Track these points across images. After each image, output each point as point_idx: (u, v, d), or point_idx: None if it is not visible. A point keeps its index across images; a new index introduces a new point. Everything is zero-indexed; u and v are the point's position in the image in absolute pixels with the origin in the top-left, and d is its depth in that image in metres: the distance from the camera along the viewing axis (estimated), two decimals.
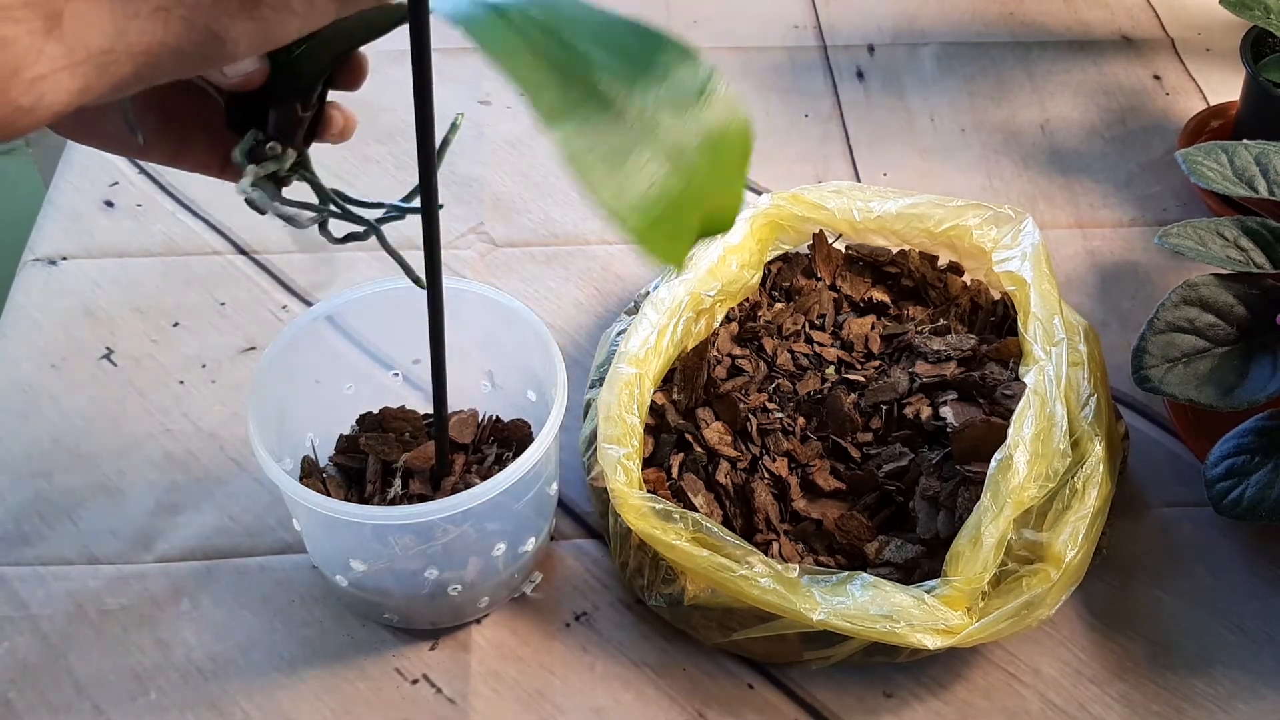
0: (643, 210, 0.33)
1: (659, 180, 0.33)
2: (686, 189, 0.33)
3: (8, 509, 0.63)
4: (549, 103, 0.33)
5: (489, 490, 0.50)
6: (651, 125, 0.33)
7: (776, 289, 0.72)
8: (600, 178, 0.32)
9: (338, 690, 0.57)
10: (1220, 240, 0.62)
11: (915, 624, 0.52)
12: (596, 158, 0.32)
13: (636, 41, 0.35)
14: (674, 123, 0.34)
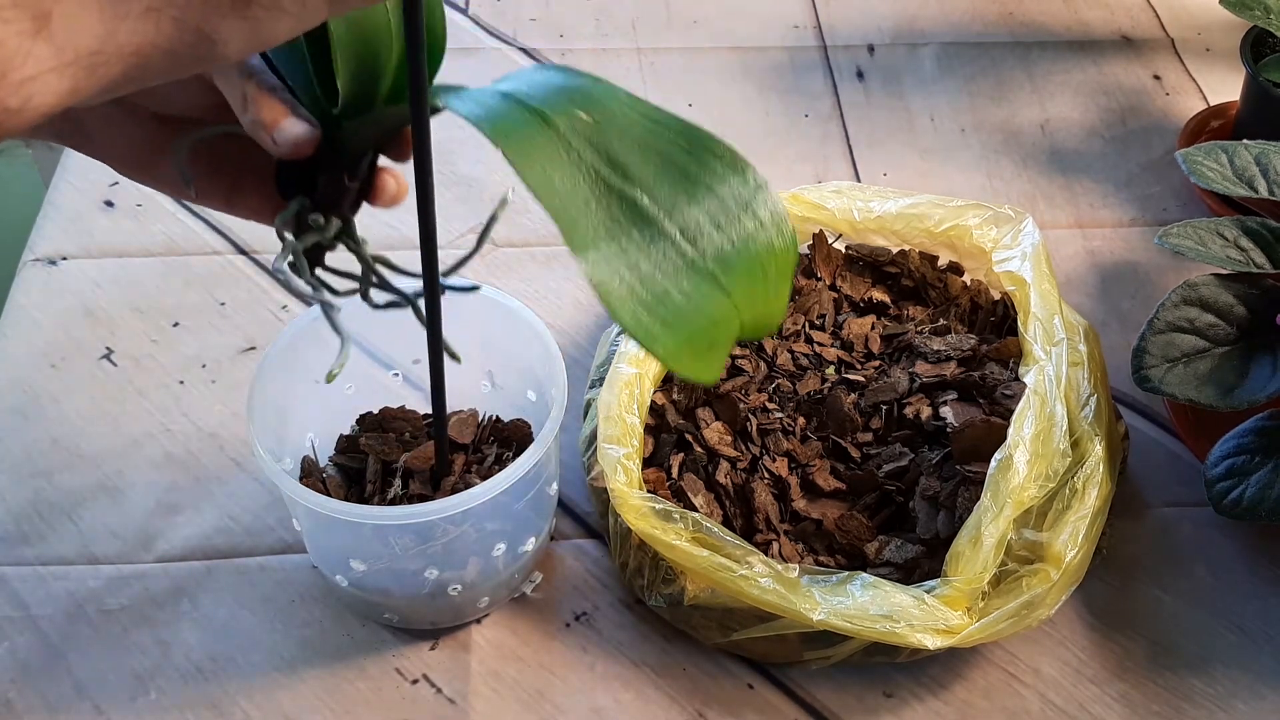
0: (676, 328, 0.31)
1: (697, 297, 0.32)
2: (726, 305, 0.32)
3: (8, 509, 0.63)
4: (585, 231, 0.31)
5: (489, 490, 0.50)
6: (693, 240, 0.32)
7: None
8: (631, 298, 0.31)
9: (338, 690, 0.57)
10: (1220, 240, 0.62)
11: (915, 624, 0.52)
12: (631, 279, 0.31)
13: (686, 149, 0.34)
14: (718, 237, 0.33)
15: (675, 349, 0.31)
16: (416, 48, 0.36)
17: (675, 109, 0.97)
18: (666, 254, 0.32)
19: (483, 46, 0.96)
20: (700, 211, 0.33)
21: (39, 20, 0.23)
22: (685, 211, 0.33)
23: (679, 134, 0.34)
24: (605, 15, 0.99)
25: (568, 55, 0.95)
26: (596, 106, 0.34)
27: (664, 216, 0.32)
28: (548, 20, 0.98)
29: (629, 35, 0.97)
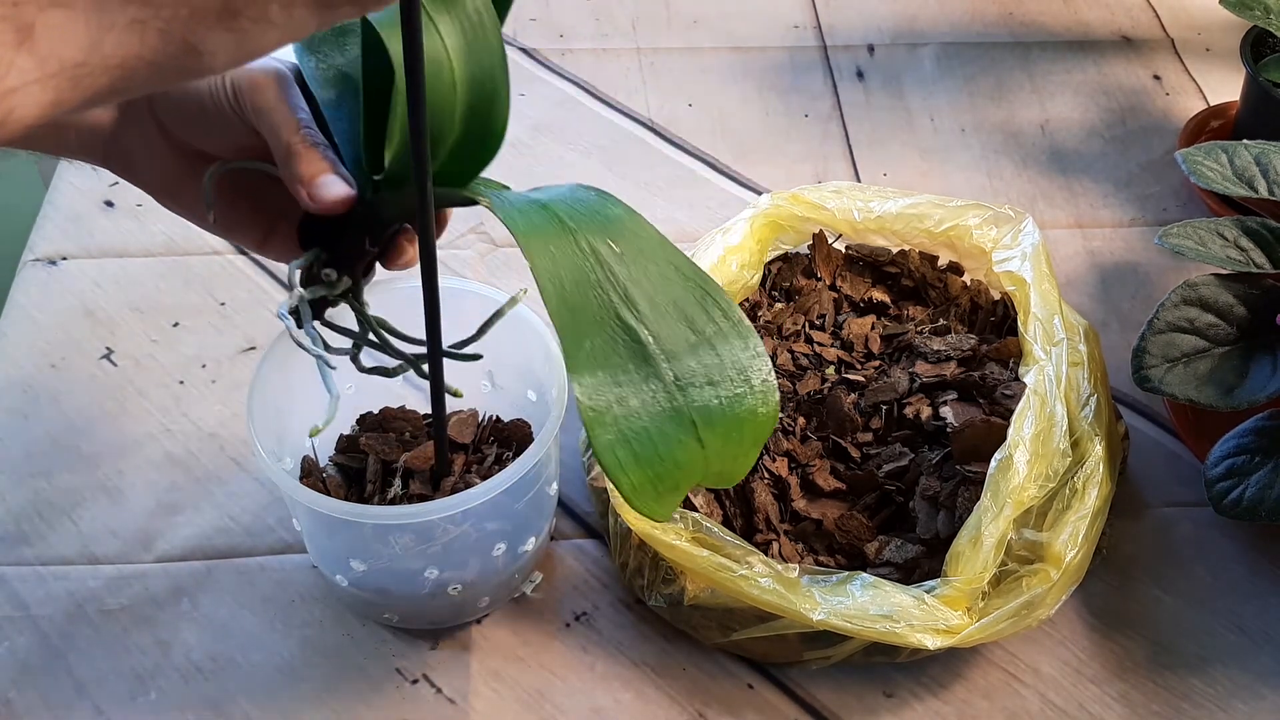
0: (645, 466, 0.33)
1: (673, 443, 0.33)
2: (698, 455, 0.34)
3: (8, 509, 0.63)
4: (586, 354, 0.33)
5: (489, 490, 0.50)
6: (684, 389, 0.34)
7: (776, 289, 0.72)
8: (613, 427, 0.32)
9: (338, 690, 0.57)
10: (1220, 240, 0.62)
11: (915, 624, 0.52)
12: (618, 411, 0.32)
13: (698, 301, 0.36)
14: (708, 392, 0.34)
15: (639, 485, 0.33)
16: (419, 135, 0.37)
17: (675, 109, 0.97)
18: (656, 396, 0.34)
19: None
20: (698, 364, 0.35)
21: (22, 32, 0.23)
22: (684, 361, 0.35)
23: (695, 284, 0.37)
24: (605, 15, 0.99)
25: (567, 55, 0.95)
26: (626, 239, 0.37)
27: (663, 360, 0.35)
28: (547, 20, 0.98)
29: (629, 35, 0.97)
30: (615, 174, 0.85)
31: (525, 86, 0.92)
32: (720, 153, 0.87)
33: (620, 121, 0.89)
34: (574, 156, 0.86)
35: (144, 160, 0.46)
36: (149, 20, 0.24)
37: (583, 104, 0.91)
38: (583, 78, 0.93)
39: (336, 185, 0.43)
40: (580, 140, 0.87)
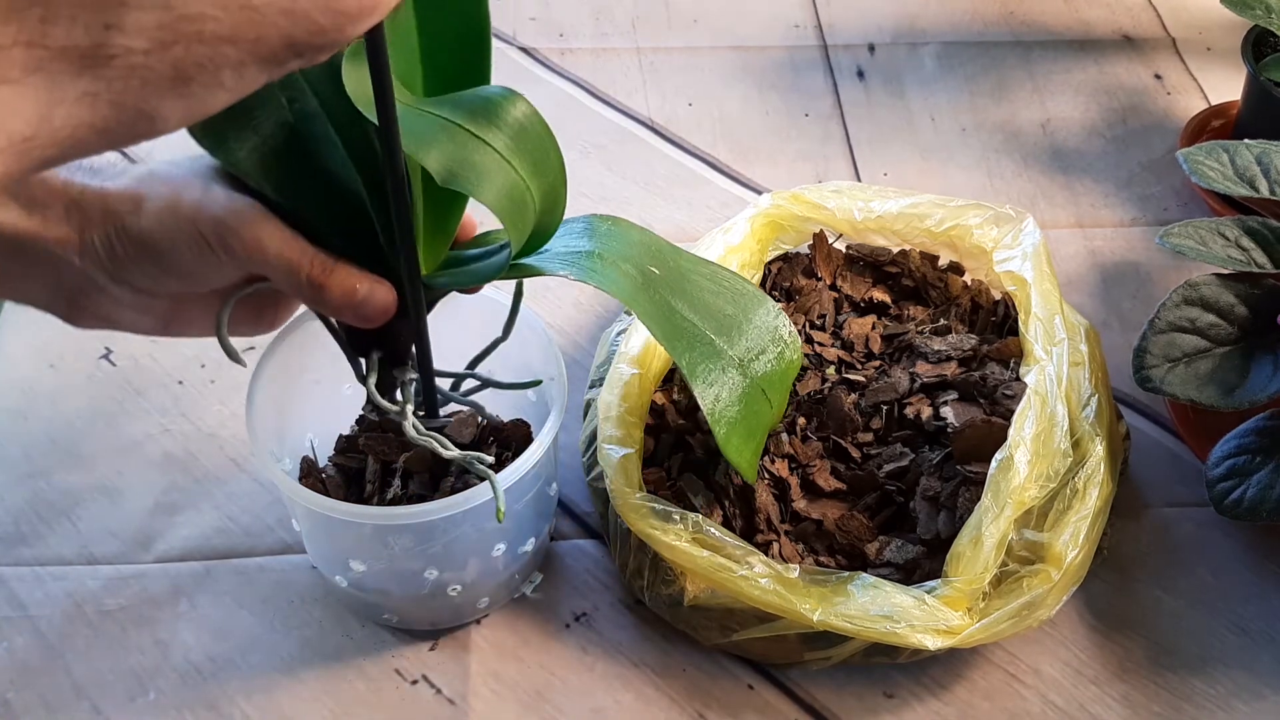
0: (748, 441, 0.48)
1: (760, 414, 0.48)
2: (769, 412, 0.49)
3: (6, 509, 0.63)
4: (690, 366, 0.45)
5: (488, 491, 0.49)
6: (746, 367, 0.47)
7: (777, 289, 0.72)
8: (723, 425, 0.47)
9: (337, 690, 0.57)
10: (1221, 240, 0.62)
11: (915, 624, 0.52)
12: (721, 408, 0.46)
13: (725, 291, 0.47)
14: (761, 362, 0.48)
15: (751, 460, 0.49)
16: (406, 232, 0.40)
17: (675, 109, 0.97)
18: (737, 381, 0.47)
19: None
20: (746, 342, 0.47)
21: None
22: (738, 344, 0.47)
23: (706, 273, 0.47)
24: (605, 15, 0.99)
25: (567, 55, 0.95)
26: (655, 257, 0.46)
27: (728, 350, 0.47)
28: (547, 20, 0.98)
29: (629, 35, 0.97)
30: (615, 174, 0.85)
31: (525, 86, 0.91)
32: (720, 152, 0.87)
33: (620, 121, 0.89)
34: (574, 156, 0.86)
35: (129, 316, 0.45)
36: (100, 92, 0.24)
37: (583, 104, 0.91)
38: (582, 77, 0.93)
39: (379, 294, 0.43)
40: (580, 140, 0.87)
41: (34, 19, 0.23)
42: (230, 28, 0.25)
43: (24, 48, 0.23)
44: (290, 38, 0.26)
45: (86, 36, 0.23)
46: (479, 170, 0.39)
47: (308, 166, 0.43)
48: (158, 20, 0.24)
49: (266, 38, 0.25)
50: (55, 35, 0.23)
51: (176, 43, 0.24)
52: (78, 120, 0.24)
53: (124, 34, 0.24)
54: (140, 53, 0.24)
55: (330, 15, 0.26)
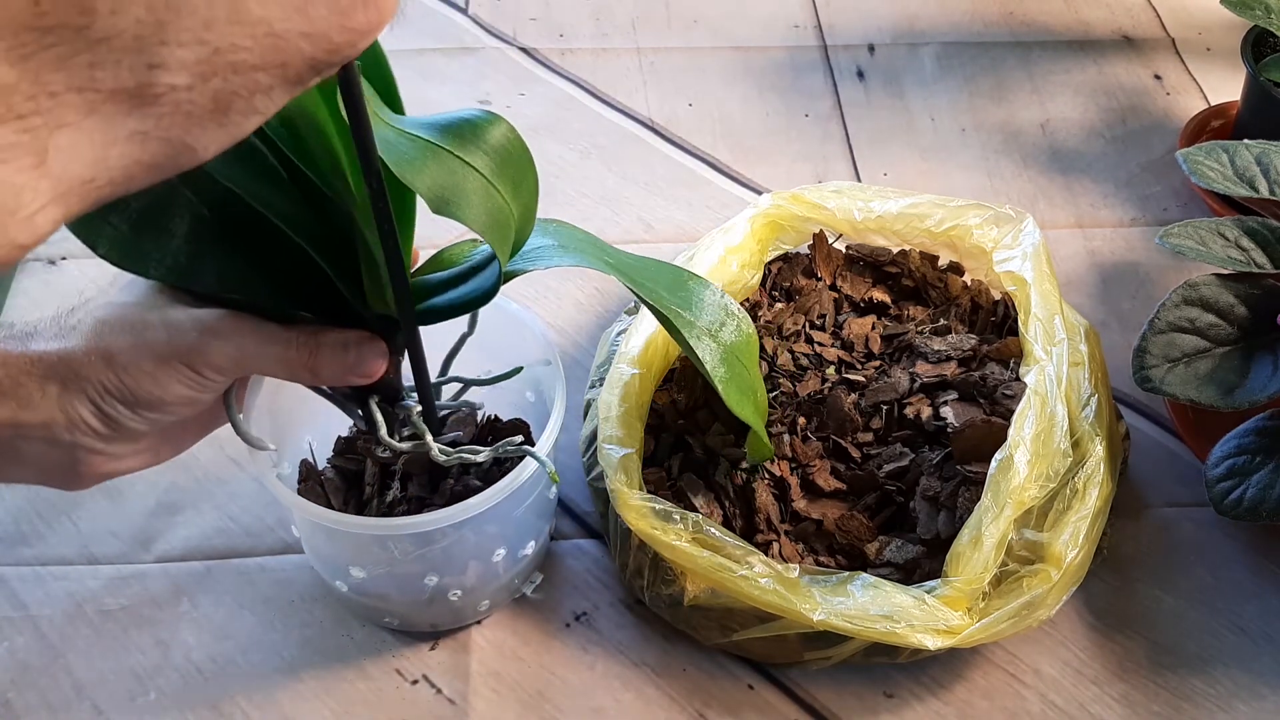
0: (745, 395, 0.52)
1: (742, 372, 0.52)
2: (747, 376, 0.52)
3: (7, 509, 0.63)
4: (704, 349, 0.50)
5: (488, 500, 0.49)
6: (716, 335, 0.51)
7: (777, 289, 0.72)
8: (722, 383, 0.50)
9: (338, 691, 0.57)
10: (1221, 240, 0.62)
11: (915, 624, 0.52)
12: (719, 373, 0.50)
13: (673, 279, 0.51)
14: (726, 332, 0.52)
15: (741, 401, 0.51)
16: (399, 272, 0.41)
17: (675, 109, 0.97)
18: (716, 351, 0.50)
19: (483, 46, 0.96)
20: (708, 316, 0.51)
21: (38, 156, 0.24)
22: (703, 319, 0.50)
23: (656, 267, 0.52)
24: (605, 15, 0.99)
25: (567, 55, 0.95)
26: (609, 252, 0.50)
27: (695, 321, 0.50)
28: (548, 20, 0.98)
29: (629, 35, 0.97)
30: (615, 174, 0.85)
31: (525, 86, 0.92)
32: (720, 152, 0.87)
33: (620, 121, 0.89)
34: (574, 156, 0.86)
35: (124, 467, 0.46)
36: (150, 130, 0.26)
37: (583, 104, 0.91)
38: (583, 77, 0.93)
39: (369, 349, 0.45)
40: (580, 140, 0.87)
41: (83, 65, 0.24)
42: (260, 55, 0.26)
43: (77, 93, 0.24)
44: (312, 58, 0.27)
45: (133, 78, 0.25)
46: (467, 195, 0.39)
47: (240, 246, 0.44)
48: (196, 56, 0.25)
49: (291, 61, 0.27)
50: (104, 79, 0.24)
51: (215, 75, 0.26)
52: (131, 158, 0.26)
53: (167, 72, 0.25)
54: (184, 88, 0.25)
55: (345, 33, 0.27)
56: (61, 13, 0.23)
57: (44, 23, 0.23)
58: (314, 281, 0.44)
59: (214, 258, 0.42)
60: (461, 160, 0.40)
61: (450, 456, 0.50)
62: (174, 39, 0.25)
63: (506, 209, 0.41)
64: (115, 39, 0.24)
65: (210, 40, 0.25)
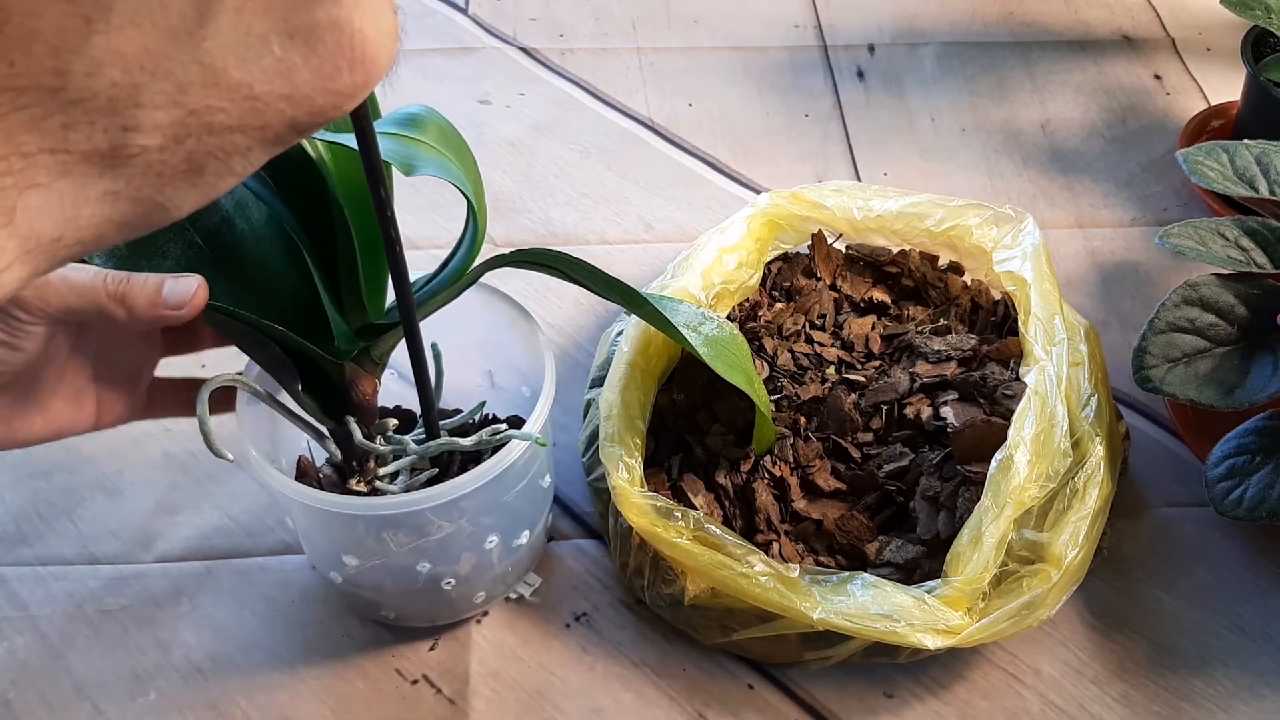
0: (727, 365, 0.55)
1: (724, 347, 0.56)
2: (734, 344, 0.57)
3: (7, 509, 0.63)
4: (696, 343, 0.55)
5: (475, 480, 0.49)
6: (697, 329, 0.56)
7: (776, 289, 0.72)
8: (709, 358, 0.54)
9: (338, 690, 0.57)
10: (1221, 240, 0.62)
11: (915, 624, 0.52)
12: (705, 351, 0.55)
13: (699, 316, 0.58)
14: (706, 326, 0.56)
15: (730, 371, 0.55)
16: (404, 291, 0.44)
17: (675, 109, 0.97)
18: (693, 336, 0.55)
19: (483, 46, 0.96)
20: (683, 317, 0.56)
21: (5, 215, 0.24)
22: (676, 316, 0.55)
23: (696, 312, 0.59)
24: (605, 15, 0.99)
25: (568, 55, 0.95)
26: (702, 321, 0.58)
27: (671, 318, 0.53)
28: (548, 20, 0.98)
29: (629, 35, 0.97)
30: (615, 174, 0.85)
31: (525, 86, 0.92)
32: (720, 152, 0.87)
33: (620, 121, 0.89)
34: (574, 156, 0.86)
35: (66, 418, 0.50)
36: (121, 190, 0.25)
37: (583, 104, 0.91)
38: (583, 77, 0.93)
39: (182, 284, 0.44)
40: (580, 140, 0.87)
41: (56, 126, 0.24)
42: (237, 117, 0.26)
43: (49, 154, 0.24)
44: (293, 120, 0.27)
45: (106, 139, 0.24)
46: (424, 159, 0.46)
47: (229, 271, 0.46)
48: (171, 118, 0.25)
49: (271, 123, 0.26)
50: (77, 140, 0.24)
51: (189, 136, 0.25)
52: (101, 217, 0.25)
53: (141, 134, 0.25)
54: (156, 150, 0.25)
55: (330, 96, 0.27)
56: (35, 74, 0.23)
57: (17, 84, 0.23)
58: (300, 302, 0.46)
59: (192, 270, 0.45)
60: (413, 139, 0.46)
61: (433, 445, 0.51)
62: (149, 101, 0.24)
63: (454, 165, 0.47)
64: (90, 101, 0.24)
65: (186, 103, 0.25)
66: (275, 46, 0.25)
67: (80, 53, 0.23)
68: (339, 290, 0.47)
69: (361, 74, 0.27)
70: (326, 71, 0.26)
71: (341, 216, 0.46)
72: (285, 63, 0.26)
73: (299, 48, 0.26)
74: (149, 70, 0.24)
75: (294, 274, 0.47)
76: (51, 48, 0.23)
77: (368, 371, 0.50)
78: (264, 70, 0.25)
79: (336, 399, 0.50)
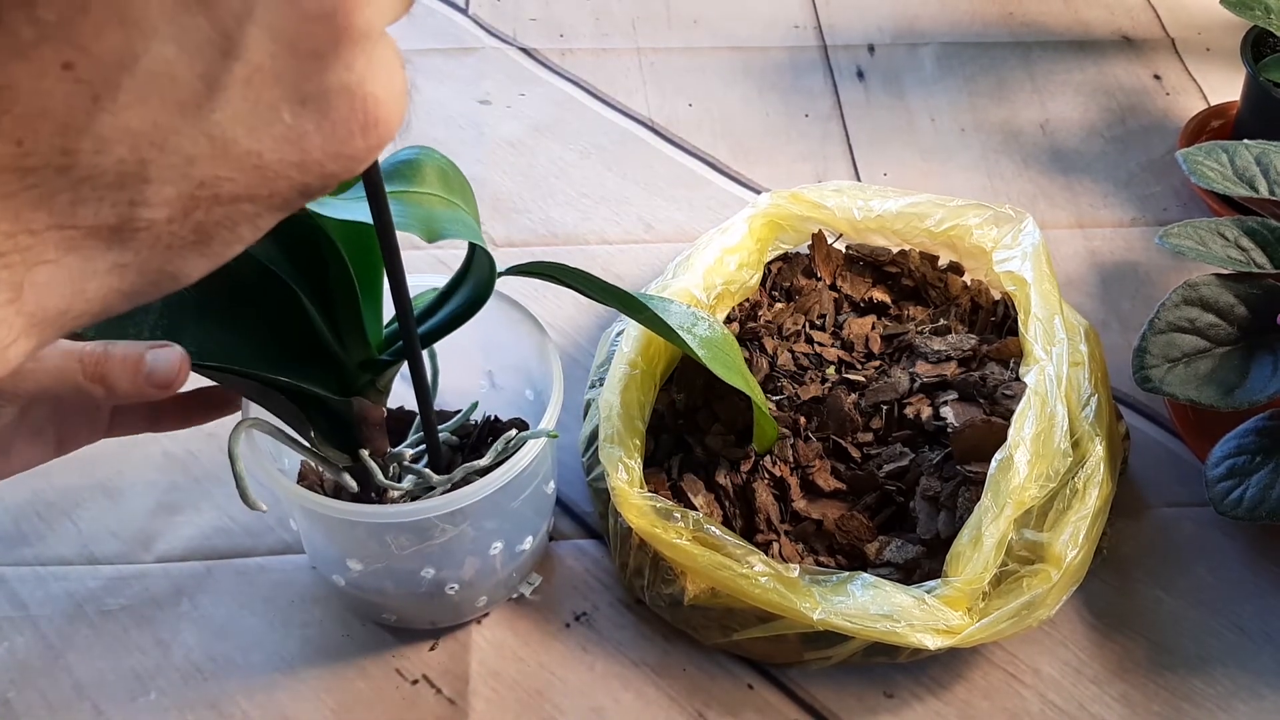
0: (723, 366, 0.55)
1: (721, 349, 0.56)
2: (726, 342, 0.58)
3: (7, 509, 0.63)
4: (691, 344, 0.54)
5: (483, 489, 0.49)
6: (690, 330, 0.55)
7: (777, 289, 0.72)
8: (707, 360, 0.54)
9: (338, 690, 0.57)
10: (1221, 240, 0.62)
11: (915, 624, 0.52)
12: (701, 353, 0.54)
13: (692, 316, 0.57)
14: (700, 327, 0.56)
15: (728, 373, 0.55)
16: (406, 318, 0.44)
17: (675, 109, 0.97)
18: (691, 341, 0.54)
19: (483, 46, 0.96)
20: (676, 319, 0.55)
21: (13, 290, 0.24)
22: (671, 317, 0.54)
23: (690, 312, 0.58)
24: (605, 15, 0.99)
25: (567, 55, 0.95)
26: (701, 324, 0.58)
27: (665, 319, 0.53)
28: (548, 20, 0.98)
29: (629, 35, 0.97)
30: (615, 174, 0.85)
31: (525, 86, 0.92)
32: (720, 153, 0.87)
33: (620, 121, 0.89)
34: (574, 156, 0.86)
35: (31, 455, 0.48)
36: (129, 262, 0.25)
37: (583, 104, 0.91)
38: (583, 78, 0.93)
39: (164, 355, 0.41)
40: (580, 140, 0.87)
41: (64, 203, 0.24)
42: (245, 186, 0.25)
43: (57, 230, 0.24)
44: (303, 185, 0.26)
45: (114, 215, 0.24)
46: (442, 217, 0.44)
47: (216, 317, 0.44)
48: (179, 191, 0.25)
49: (280, 190, 0.26)
50: (85, 216, 0.24)
51: (197, 208, 0.25)
52: (109, 289, 0.25)
53: (148, 207, 0.24)
54: (164, 222, 0.25)
55: (341, 160, 0.26)
56: (45, 153, 0.23)
57: (26, 163, 0.23)
58: (294, 343, 0.45)
59: (192, 328, 0.43)
60: (420, 194, 0.44)
61: (454, 475, 0.51)
62: (156, 176, 0.24)
63: (464, 213, 0.46)
64: (98, 177, 0.23)
65: (194, 175, 0.25)
66: (286, 114, 0.25)
67: (88, 131, 0.23)
68: (338, 327, 0.46)
69: (374, 136, 0.27)
70: (339, 136, 0.26)
71: (335, 252, 0.45)
72: (296, 130, 0.25)
73: (311, 114, 0.25)
74: (157, 145, 0.24)
75: (289, 316, 0.46)
76: (60, 126, 0.23)
77: (374, 402, 0.49)
78: (274, 139, 0.25)
79: (346, 433, 0.49)
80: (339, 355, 0.47)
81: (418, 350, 0.45)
